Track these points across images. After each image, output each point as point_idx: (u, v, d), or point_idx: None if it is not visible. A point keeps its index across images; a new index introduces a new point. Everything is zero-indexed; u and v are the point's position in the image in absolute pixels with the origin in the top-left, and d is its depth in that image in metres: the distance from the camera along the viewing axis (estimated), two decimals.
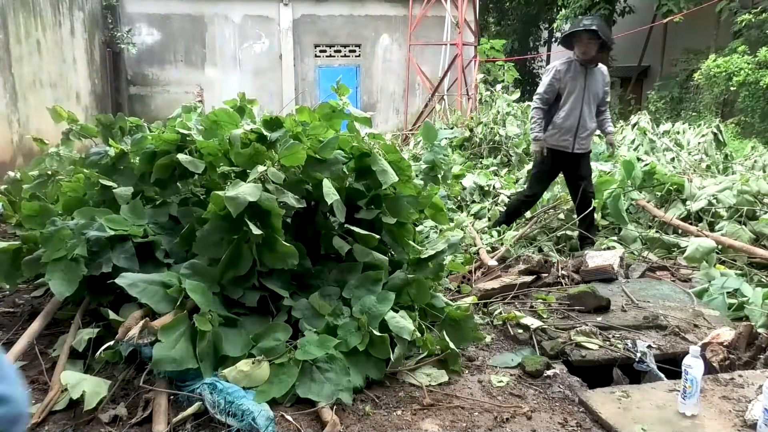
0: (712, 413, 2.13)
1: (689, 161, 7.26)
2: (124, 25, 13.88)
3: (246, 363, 2.26)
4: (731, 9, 13.32)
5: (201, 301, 2.33)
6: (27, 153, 8.73)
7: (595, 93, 4.60)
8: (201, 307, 2.32)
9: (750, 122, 11.93)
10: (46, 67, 9.92)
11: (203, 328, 2.25)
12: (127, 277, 2.41)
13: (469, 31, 14.45)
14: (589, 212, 4.67)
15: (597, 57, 4.58)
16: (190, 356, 2.22)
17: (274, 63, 14.72)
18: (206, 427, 2.05)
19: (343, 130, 3.40)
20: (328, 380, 2.25)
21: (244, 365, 2.24)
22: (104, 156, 3.26)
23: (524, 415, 2.19)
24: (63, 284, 2.50)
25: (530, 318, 2.93)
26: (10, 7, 8.64)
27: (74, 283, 2.52)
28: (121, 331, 2.20)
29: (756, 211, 4.75)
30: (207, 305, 2.34)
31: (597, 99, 4.63)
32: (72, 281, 2.52)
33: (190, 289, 2.33)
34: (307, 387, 2.23)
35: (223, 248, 2.53)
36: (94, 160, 3.26)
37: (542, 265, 3.84)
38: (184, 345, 2.23)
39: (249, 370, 2.22)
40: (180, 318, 2.29)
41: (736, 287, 3.45)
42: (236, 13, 14.47)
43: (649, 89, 17.27)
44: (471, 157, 8.08)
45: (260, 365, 2.25)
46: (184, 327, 2.27)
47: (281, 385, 2.22)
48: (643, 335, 2.86)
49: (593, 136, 4.60)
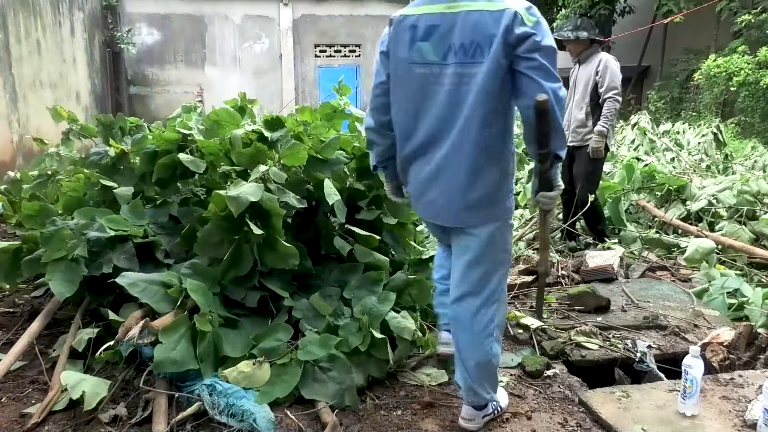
0: (712, 413, 2.13)
1: (689, 161, 7.26)
2: (124, 25, 13.88)
3: (247, 364, 2.26)
4: (731, 9, 13.31)
5: (201, 301, 2.32)
6: (27, 153, 8.73)
7: (584, 83, 4.61)
8: (201, 307, 2.31)
9: (750, 122, 11.93)
10: (46, 67, 9.91)
11: (203, 328, 2.25)
12: (128, 277, 2.40)
13: None
14: (589, 216, 4.68)
15: (588, 50, 4.63)
16: (191, 357, 2.22)
17: (274, 63, 14.73)
18: (206, 427, 2.05)
19: (344, 130, 3.41)
20: (331, 379, 2.25)
21: (245, 366, 2.24)
22: (104, 156, 3.26)
23: (524, 415, 2.19)
24: (63, 285, 2.50)
25: (530, 318, 2.93)
26: (10, 7, 8.64)
27: (75, 284, 2.51)
28: (121, 331, 2.20)
29: (756, 211, 4.75)
30: (207, 305, 2.34)
31: (585, 89, 4.61)
32: (72, 282, 2.52)
33: (190, 289, 2.33)
34: (311, 387, 2.24)
35: (224, 248, 2.53)
36: (95, 160, 3.25)
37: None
38: (185, 346, 2.23)
39: (250, 371, 2.22)
40: (181, 319, 2.29)
41: (736, 287, 3.45)
42: (236, 13, 14.48)
43: (649, 89, 17.27)
44: None
45: (261, 366, 2.24)
46: (184, 328, 2.27)
47: (284, 385, 2.22)
48: (643, 335, 2.86)
49: (591, 131, 4.55)
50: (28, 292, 3.35)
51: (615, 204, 5.01)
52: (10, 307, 3.16)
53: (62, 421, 2.09)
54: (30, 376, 2.42)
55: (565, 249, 4.70)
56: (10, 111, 8.55)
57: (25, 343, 2.41)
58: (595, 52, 4.60)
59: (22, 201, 4.13)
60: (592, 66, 4.56)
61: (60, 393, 2.17)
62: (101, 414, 2.09)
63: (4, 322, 2.95)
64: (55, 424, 2.07)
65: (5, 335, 2.77)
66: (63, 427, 2.06)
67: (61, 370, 2.29)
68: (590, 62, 4.58)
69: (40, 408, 2.10)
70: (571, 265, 3.89)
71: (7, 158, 8.38)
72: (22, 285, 3.48)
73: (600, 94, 4.49)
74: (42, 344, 2.64)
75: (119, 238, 2.70)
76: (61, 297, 2.53)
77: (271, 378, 2.23)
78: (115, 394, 2.23)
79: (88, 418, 2.08)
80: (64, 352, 2.42)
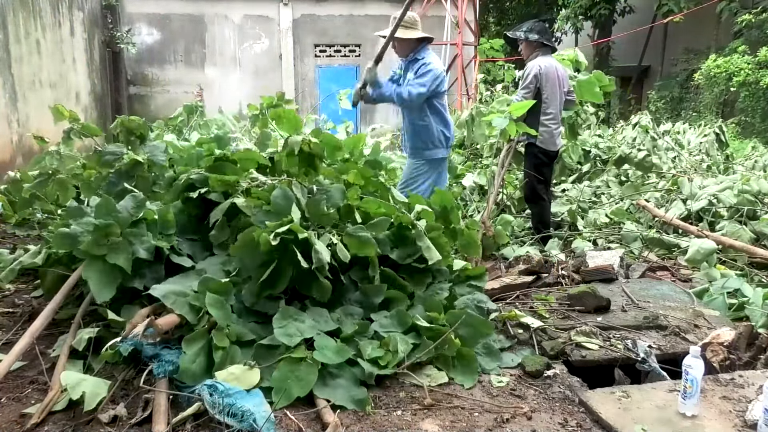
0: (713, 413, 2.13)
1: (690, 161, 7.26)
2: (124, 25, 13.87)
3: (238, 367, 2.27)
4: (731, 9, 13.32)
5: (219, 316, 2.37)
6: (27, 153, 8.73)
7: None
8: (219, 322, 2.36)
9: (750, 122, 11.94)
10: (46, 67, 9.91)
11: (220, 344, 2.30)
12: (160, 289, 2.46)
13: (469, 31, 14.44)
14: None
15: (525, 54, 4.82)
16: (207, 371, 2.28)
17: (274, 63, 14.72)
18: (206, 427, 2.05)
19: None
20: (340, 386, 2.28)
21: (236, 368, 2.26)
22: (119, 158, 3.30)
23: (524, 415, 2.19)
24: (103, 286, 2.54)
25: (530, 318, 2.92)
26: (10, 7, 8.63)
27: (113, 290, 2.55)
28: (128, 327, 2.24)
29: (756, 211, 4.75)
30: (225, 320, 2.38)
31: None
32: (111, 287, 2.55)
33: (208, 303, 2.37)
34: (321, 390, 2.25)
35: (264, 269, 2.57)
36: (109, 159, 3.31)
37: (542, 265, 3.84)
38: (203, 360, 2.28)
39: (239, 373, 2.24)
40: (199, 332, 2.34)
41: (737, 287, 3.45)
42: (236, 13, 14.47)
43: (649, 89, 17.28)
44: (471, 157, 8.08)
45: (252, 370, 2.27)
46: (203, 341, 2.32)
47: (301, 383, 2.23)
48: (644, 335, 2.86)
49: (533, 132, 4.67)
50: (28, 292, 3.35)
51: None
52: (10, 307, 3.15)
53: (62, 422, 2.08)
54: (30, 376, 2.42)
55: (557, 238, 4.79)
56: (10, 111, 8.55)
57: (27, 341, 2.41)
58: (525, 56, 4.82)
59: (23, 197, 4.13)
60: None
61: (60, 393, 2.16)
62: (101, 414, 2.08)
63: (4, 322, 2.95)
64: (54, 425, 2.07)
65: (5, 335, 2.77)
66: (63, 427, 2.06)
67: (61, 370, 2.29)
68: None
69: (40, 408, 2.10)
70: (571, 265, 3.89)
71: (7, 158, 8.38)
72: (21, 285, 3.48)
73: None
74: (42, 344, 2.64)
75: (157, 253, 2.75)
76: (100, 299, 2.55)
77: (287, 375, 2.24)
78: (115, 394, 2.22)
79: (87, 418, 2.08)
80: (64, 352, 2.42)
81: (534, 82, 4.60)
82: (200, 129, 7.01)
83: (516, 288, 3.46)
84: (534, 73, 4.60)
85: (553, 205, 5.52)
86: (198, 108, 7.45)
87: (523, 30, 4.77)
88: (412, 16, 4.29)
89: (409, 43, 4.28)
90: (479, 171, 6.89)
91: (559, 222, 5.41)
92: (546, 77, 4.61)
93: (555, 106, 4.71)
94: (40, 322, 2.57)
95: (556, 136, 4.79)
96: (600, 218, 5.33)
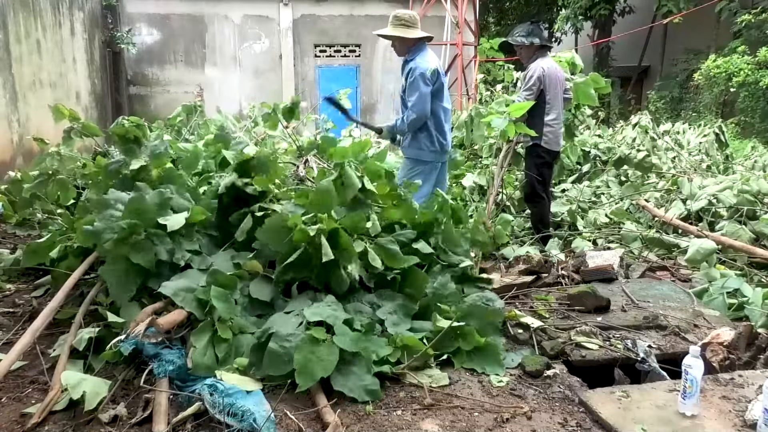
0: (712, 413, 2.13)
1: (689, 161, 7.26)
2: (124, 25, 13.87)
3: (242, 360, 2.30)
4: (731, 9, 13.31)
5: (222, 308, 2.38)
6: (27, 153, 8.73)
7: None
8: (222, 314, 2.37)
9: (750, 122, 11.94)
10: (46, 67, 9.91)
11: (224, 335, 2.31)
12: (169, 287, 2.47)
13: (469, 31, 14.44)
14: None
15: (525, 57, 4.82)
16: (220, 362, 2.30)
17: (274, 63, 14.72)
18: (206, 427, 2.05)
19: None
20: (353, 374, 2.29)
21: (241, 361, 2.29)
22: (123, 165, 3.33)
23: (524, 415, 2.19)
24: (121, 288, 2.57)
25: (530, 318, 2.92)
26: (10, 7, 8.64)
27: (132, 292, 2.56)
28: (131, 325, 2.26)
29: (756, 211, 4.75)
30: (228, 313, 2.39)
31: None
32: (130, 289, 2.57)
33: (213, 296, 2.39)
34: (336, 379, 2.27)
35: (288, 245, 2.62)
36: (115, 168, 3.33)
37: (542, 265, 3.84)
38: (212, 352, 2.30)
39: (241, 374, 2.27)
40: (207, 324, 2.36)
41: (736, 287, 3.45)
42: (236, 13, 14.47)
43: (649, 89, 17.28)
44: (471, 157, 8.07)
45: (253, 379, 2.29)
46: (211, 333, 2.34)
47: (323, 363, 2.24)
48: (643, 335, 2.86)
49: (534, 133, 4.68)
50: (28, 292, 3.35)
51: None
52: (10, 307, 3.16)
53: (62, 421, 2.08)
54: (30, 376, 2.42)
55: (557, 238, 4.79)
56: (10, 111, 8.55)
57: (27, 342, 2.41)
58: (522, 59, 4.84)
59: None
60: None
61: (60, 393, 2.16)
62: (101, 414, 2.09)
63: (4, 322, 2.95)
64: (55, 424, 2.07)
65: (5, 335, 2.77)
66: (63, 427, 2.06)
67: (62, 370, 2.29)
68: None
69: (40, 408, 2.10)
70: (571, 265, 3.89)
71: (7, 158, 8.38)
72: (21, 285, 3.49)
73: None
74: (42, 344, 2.64)
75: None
76: (119, 302, 2.57)
77: (309, 356, 2.25)
78: (115, 394, 2.23)
79: (88, 418, 2.08)
80: (65, 352, 2.42)
81: (537, 84, 4.62)
82: (199, 129, 7.01)
83: (516, 288, 3.46)
84: (538, 75, 4.61)
85: (553, 205, 5.51)
86: (197, 108, 7.44)
87: (523, 35, 4.75)
88: (411, 15, 4.30)
89: (407, 43, 4.29)
90: (479, 171, 6.89)
91: (558, 222, 5.41)
92: (549, 79, 4.64)
93: (558, 106, 4.75)
94: (40, 321, 2.57)
95: (559, 136, 4.83)
96: (600, 218, 5.33)
